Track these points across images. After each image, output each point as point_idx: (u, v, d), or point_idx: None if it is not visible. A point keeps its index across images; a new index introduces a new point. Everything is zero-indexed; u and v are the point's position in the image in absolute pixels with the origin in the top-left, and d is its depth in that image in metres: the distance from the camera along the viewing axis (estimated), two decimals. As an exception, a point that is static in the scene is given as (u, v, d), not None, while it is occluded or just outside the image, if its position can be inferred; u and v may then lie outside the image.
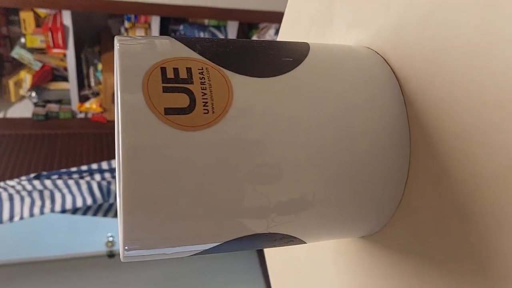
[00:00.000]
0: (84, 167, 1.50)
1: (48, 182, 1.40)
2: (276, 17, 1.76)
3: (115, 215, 1.51)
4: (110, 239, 2.09)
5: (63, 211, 1.36)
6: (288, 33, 0.30)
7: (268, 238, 0.16)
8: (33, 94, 1.90)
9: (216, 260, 1.86)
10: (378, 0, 0.18)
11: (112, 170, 1.52)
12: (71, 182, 1.40)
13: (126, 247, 0.15)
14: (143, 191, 0.14)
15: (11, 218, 1.30)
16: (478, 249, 0.13)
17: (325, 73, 0.16)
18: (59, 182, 1.40)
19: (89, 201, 1.36)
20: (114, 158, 1.60)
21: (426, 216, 0.16)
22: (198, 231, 0.15)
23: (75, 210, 1.40)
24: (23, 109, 1.96)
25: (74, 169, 1.48)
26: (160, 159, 0.14)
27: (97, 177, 1.47)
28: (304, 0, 0.27)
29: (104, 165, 1.52)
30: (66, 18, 1.71)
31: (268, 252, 0.35)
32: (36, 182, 1.39)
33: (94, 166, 1.51)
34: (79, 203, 1.36)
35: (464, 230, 0.14)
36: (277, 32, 1.88)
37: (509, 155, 0.12)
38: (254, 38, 1.90)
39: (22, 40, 1.80)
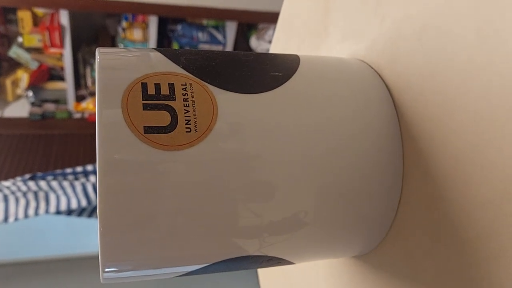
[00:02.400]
0: (79, 168, 1.49)
1: (43, 183, 1.39)
2: (275, 18, 1.75)
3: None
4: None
5: (58, 212, 1.35)
6: (281, 40, 0.29)
7: (256, 260, 0.16)
8: (30, 93, 1.89)
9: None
10: (372, 12, 0.18)
11: None
12: (66, 184, 1.39)
13: (106, 269, 0.14)
14: (120, 210, 0.13)
15: (6, 219, 1.29)
16: (471, 274, 0.13)
17: (315, 88, 0.16)
18: (54, 184, 1.39)
19: (83, 202, 1.36)
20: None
21: (419, 238, 0.15)
22: (180, 252, 0.14)
23: (70, 212, 1.39)
24: (19, 109, 1.95)
25: (69, 170, 1.47)
26: (138, 178, 0.13)
27: (92, 178, 1.46)
28: (298, 8, 0.26)
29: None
30: (64, 17, 1.70)
31: (261, 271, 0.34)
32: (31, 183, 1.38)
33: (90, 167, 1.50)
34: (74, 204, 1.35)
35: (457, 254, 0.13)
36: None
37: (505, 177, 0.12)
38: (253, 38, 1.89)
39: (20, 39, 1.79)
